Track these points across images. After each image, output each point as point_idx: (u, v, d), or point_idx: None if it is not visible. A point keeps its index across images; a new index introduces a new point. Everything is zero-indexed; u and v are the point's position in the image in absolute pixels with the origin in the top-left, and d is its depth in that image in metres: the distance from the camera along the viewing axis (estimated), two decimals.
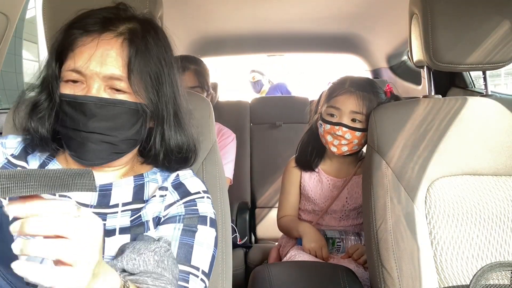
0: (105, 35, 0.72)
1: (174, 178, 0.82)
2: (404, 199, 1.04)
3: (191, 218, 0.77)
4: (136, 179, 0.81)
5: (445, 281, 1.00)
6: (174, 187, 0.81)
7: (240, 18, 2.01)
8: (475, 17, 1.06)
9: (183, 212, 0.78)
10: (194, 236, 0.76)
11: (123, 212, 0.76)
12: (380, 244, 1.03)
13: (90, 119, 0.71)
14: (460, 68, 1.09)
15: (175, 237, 0.75)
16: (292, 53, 2.67)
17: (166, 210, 0.78)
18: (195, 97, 1.04)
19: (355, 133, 1.30)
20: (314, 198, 1.44)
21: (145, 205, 0.77)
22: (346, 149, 1.33)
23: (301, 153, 1.48)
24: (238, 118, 2.30)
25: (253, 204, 2.20)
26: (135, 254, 0.65)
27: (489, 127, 1.08)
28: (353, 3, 1.83)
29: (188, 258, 0.74)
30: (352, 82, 1.34)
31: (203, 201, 0.81)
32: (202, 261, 0.76)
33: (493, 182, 1.06)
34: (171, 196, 0.79)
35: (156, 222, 0.77)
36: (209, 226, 0.79)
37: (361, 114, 1.28)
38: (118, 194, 0.78)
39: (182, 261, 0.73)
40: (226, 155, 1.75)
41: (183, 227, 0.76)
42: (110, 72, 0.70)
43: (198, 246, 0.76)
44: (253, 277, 1.15)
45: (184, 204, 0.79)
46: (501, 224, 1.03)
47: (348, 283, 1.05)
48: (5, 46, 1.31)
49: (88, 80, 0.71)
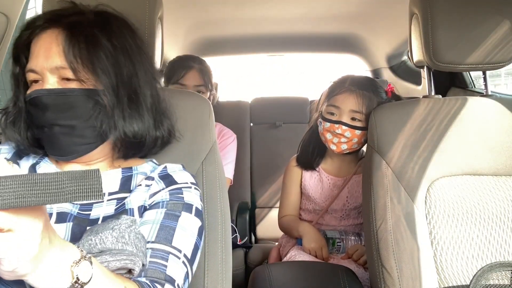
0: (49, 31, 0.75)
1: (161, 169, 0.82)
2: (404, 199, 1.04)
3: (175, 204, 0.76)
4: (125, 171, 0.82)
5: (445, 281, 1.00)
6: (161, 178, 0.80)
7: (240, 18, 2.01)
8: (475, 17, 1.06)
9: (168, 198, 0.77)
10: (177, 220, 0.75)
11: (108, 201, 0.77)
12: (380, 244, 1.03)
13: (45, 112, 0.73)
14: (460, 68, 1.08)
15: (156, 220, 0.74)
16: (292, 53, 2.66)
17: (151, 199, 0.77)
18: (195, 97, 1.04)
19: (355, 131, 1.30)
20: (315, 198, 1.44)
21: (130, 194, 0.78)
22: (346, 147, 1.33)
23: (302, 152, 1.48)
24: (238, 118, 2.29)
25: (253, 204, 2.20)
26: (92, 235, 0.64)
27: (489, 127, 1.08)
28: (353, 3, 1.82)
29: (169, 239, 0.72)
30: (353, 81, 1.34)
31: (190, 191, 0.80)
32: (185, 245, 0.74)
33: (493, 182, 1.06)
34: (157, 185, 0.79)
35: (141, 212, 0.76)
36: (194, 215, 0.77)
37: (361, 113, 1.29)
38: (105, 183, 0.78)
39: (163, 241, 0.71)
40: (226, 156, 1.75)
41: (166, 211, 0.75)
42: (54, 64, 0.73)
43: (181, 230, 0.74)
44: (253, 277, 1.15)
45: (169, 192, 0.78)
46: (501, 224, 1.03)
47: (348, 283, 1.05)
48: (5, 46, 1.31)
49: (42, 76, 0.74)
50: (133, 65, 0.79)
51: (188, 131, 0.97)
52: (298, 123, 2.32)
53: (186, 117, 0.98)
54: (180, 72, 1.68)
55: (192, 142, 0.97)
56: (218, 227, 0.93)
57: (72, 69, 0.73)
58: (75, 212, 0.75)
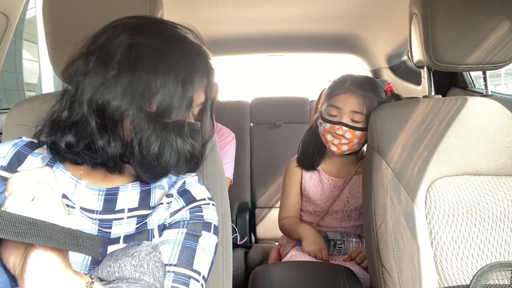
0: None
1: (180, 185, 0.81)
2: (404, 199, 1.04)
3: (196, 224, 0.77)
4: (143, 184, 0.80)
5: (445, 281, 1.00)
6: (180, 194, 0.80)
7: (239, 18, 2.01)
8: (475, 17, 1.06)
9: (188, 217, 0.77)
10: (197, 240, 0.75)
11: (128, 218, 0.75)
12: (380, 244, 1.03)
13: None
14: (460, 68, 1.08)
15: (178, 240, 0.74)
16: (292, 53, 2.66)
17: (172, 217, 0.77)
18: None
19: (355, 132, 1.29)
20: (315, 199, 1.43)
21: (152, 212, 0.76)
22: (346, 148, 1.33)
23: (302, 153, 1.47)
24: (238, 118, 2.29)
25: (253, 204, 2.20)
26: (111, 261, 0.63)
27: (489, 127, 1.08)
28: (353, 3, 1.82)
29: (190, 262, 0.73)
30: (353, 81, 1.33)
31: (209, 207, 0.80)
32: (203, 266, 0.75)
33: (493, 182, 1.06)
34: (177, 203, 0.78)
35: (161, 230, 0.76)
36: (212, 233, 0.78)
37: (361, 114, 1.28)
38: (124, 199, 0.77)
39: (184, 264, 0.72)
40: (225, 155, 1.75)
41: (187, 231, 0.75)
42: None
43: (201, 251, 0.75)
44: (253, 277, 1.15)
45: (189, 210, 0.78)
46: (501, 224, 1.03)
47: (348, 283, 1.05)
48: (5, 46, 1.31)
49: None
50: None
51: None
52: (298, 123, 2.31)
53: None
54: None
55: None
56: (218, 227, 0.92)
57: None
58: (96, 230, 0.73)
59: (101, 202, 0.76)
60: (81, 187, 0.75)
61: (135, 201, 0.77)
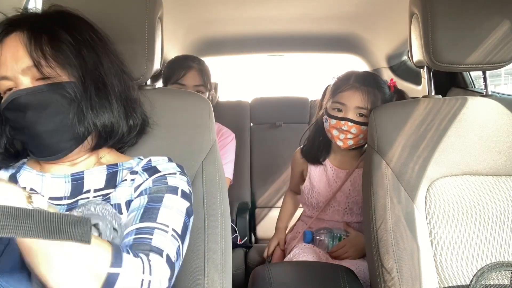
0: (12, 36, 0.76)
1: (145, 163, 0.82)
2: (404, 199, 1.04)
3: (159, 188, 0.76)
4: (110, 167, 0.82)
5: (445, 281, 1.00)
6: (145, 170, 0.80)
7: (240, 18, 2.01)
8: (475, 17, 1.05)
9: (151, 185, 0.77)
10: (161, 201, 0.73)
11: (94, 198, 0.77)
12: (380, 244, 1.03)
13: (26, 113, 0.73)
14: (460, 68, 1.08)
15: (140, 206, 0.73)
16: (292, 53, 2.66)
17: (136, 191, 0.77)
18: (195, 97, 1.04)
19: (361, 127, 1.32)
20: (319, 187, 1.46)
21: (115, 189, 0.78)
22: (352, 143, 1.36)
23: (308, 148, 1.51)
24: (238, 118, 2.29)
25: (253, 204, 2.20)
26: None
27: (489, 127, 1.08)
28: (353, 3, 1.82)
29: (153, 218, 0.70)
30: (357, 77, 1.36)
31: (175, 176, 0.79)
32: (172, 221, 0.71)
33: (493, 182, 1.06)
34: (141, 177, 0.79)
35: (128, 206, 0.76)
36: (180, 196, 0.76)
37: (366, 109, 1.31)
38: (91, 181, 0.79)
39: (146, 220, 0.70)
40: (225, 155, 1.75)
41: (148, 195, 0.74)
42: (24, 64, 0.73)
43: (166, 209, 0.72)
44: (253, 277, 1.15)
45: (152, 180, 0.78)
46: (501, 224, 1.03)
47: (348, 283, 1.05)
48: None
49: (15, 80, 0.75)
50: (97, 56, 0.80)
51: (188, 131, 0.97)
52: (298, 123, 2.31)
53: (186, 117, 0.98)
54: (180, 72, 1.68)
55: (192, 142, 0.97)
56: (218, 227, 0.93)
57: (38, 67, 0.73)
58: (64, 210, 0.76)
59: (69, 187, 0.78)
60: (46, 179, 0.79)
61: (101, 182, 0.80)
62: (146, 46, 0.96)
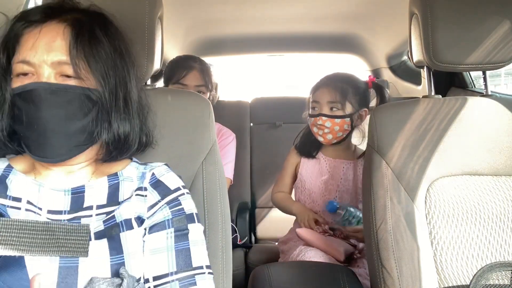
0: (48, 23, 0.72)
1: (150, 177, 0.81)
2: (404, 199, 1.04)
3: (180, 219, 0.77)
4: (110, 179, 0.79)
5: (445, 281, 1.00)
6: (153, 186, 0.80)
7: (240, 18, 2.01)
8: (475, 17, 1.05)
9: (170, 216, 0.77)
10: (187, 238, 0.77)
11: (98, 215, 0.74)
12: (380, 244, 1.03)
13: (42, 107, 0.69)
14: (460, 68, 1.09)
15: (169, 246, 0.75)
16: (292, 53, 2.66)
17: (150, 211, 0.77)
18: (195, 97, 1.04)
19: (334, 120, 1.43)
20: (311, 178, 1.52)
21: (119, 206, 0.75)
22: (331, 137, 1.46)
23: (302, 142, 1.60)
24: (238, 118, 2.29)
25: (253, 204, 2.20)
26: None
27: (489, 127, 1.08)
28: (353, 3, 1.82)
29: (188, 263, 0.75)
30: (328, 77, 1.51)
31: (186, 198, 0.81)
32: (202, 257, 0.77)
33: (493, 182, 1.06)
34: (152, 196, 0.78)
35: (139, 222, 0.75)
36: (196, 222, 0.80)
37: (337, 102, 1.43)
38: (92, 196, 0.76)
39: (184, 268, 0.74)
40: (226, 155, 1.75)
41: (174, 232, 0.76)
42: (57, 58, 0.70)
43: (194, 247, 0.77)
44: (253, 277, 1.15)
45: (168, 206, 0.78)
46: (501, 224, 1.03)
47: (348, 283, 1.06)
48: None
49: (37, 69, 0.70)
50: (127, 68, 0.79)
51: (188, 131, 0.97)
52: (298, 123, 2.30)
53: (186, 117, 0.98)
54: (181, 72, 1.68)
55: (192, 142, 0.97)
56: (218, 227, 0.93)
57: (75, 66, 0.70)
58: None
59: (68, 200, 0.75)
60: (45, 190, 0.74)
61: (103, 197, 0.77)
62: (146, 46, 0.96)
